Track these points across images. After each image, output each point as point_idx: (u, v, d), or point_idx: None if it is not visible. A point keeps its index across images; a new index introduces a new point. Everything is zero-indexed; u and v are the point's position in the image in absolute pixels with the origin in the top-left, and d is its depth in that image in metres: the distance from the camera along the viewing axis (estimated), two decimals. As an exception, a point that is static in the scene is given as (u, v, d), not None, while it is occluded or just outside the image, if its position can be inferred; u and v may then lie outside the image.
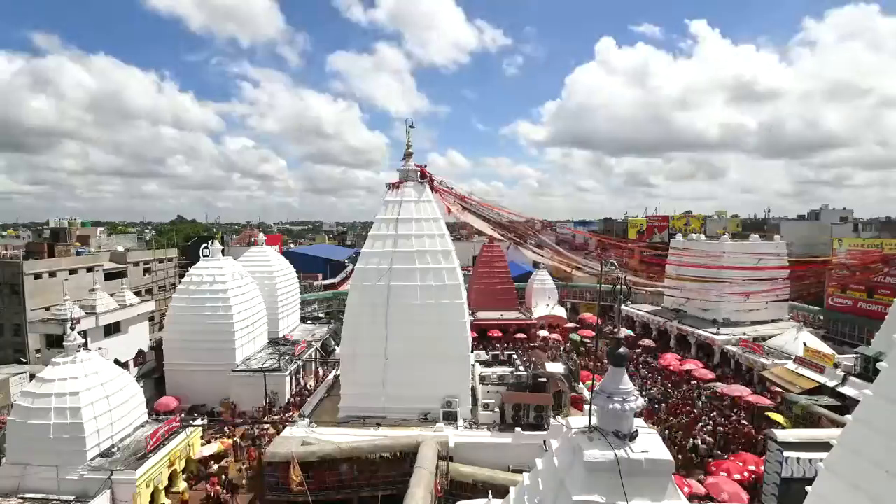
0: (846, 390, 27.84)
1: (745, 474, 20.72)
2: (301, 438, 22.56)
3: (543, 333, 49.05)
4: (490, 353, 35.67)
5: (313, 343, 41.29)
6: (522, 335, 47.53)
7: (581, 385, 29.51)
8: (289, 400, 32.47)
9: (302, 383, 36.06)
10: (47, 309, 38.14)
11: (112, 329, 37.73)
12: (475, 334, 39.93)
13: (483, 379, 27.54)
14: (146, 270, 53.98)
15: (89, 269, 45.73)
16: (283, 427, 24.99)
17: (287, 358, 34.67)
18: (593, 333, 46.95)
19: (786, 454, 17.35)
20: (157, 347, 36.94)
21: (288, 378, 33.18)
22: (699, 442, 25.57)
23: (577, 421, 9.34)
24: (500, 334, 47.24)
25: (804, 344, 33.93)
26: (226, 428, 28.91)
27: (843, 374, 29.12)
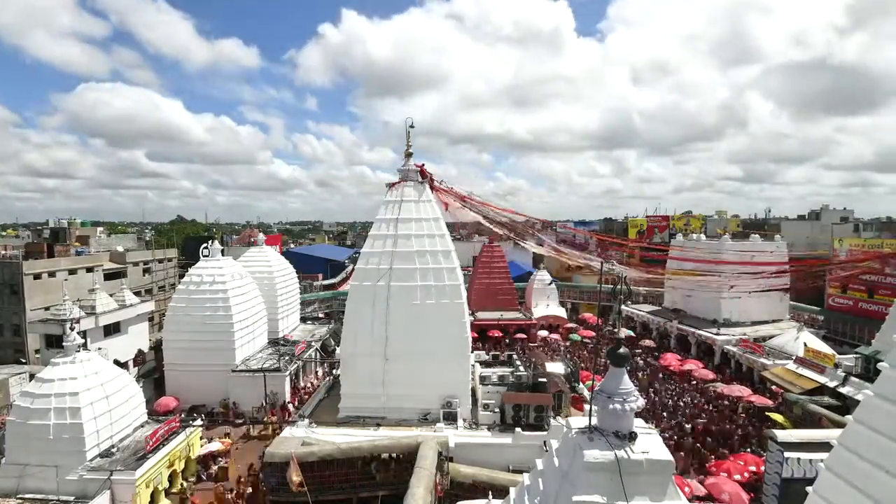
0: (846, 390, 27.83)
1: (746, 475, 20.73)
2: (301, 438, 22.54)
3: (543, 333, 49.04)
4: (490, 353, 35.62)
5: (313, 343, 41.29)
6: (522, 335, 47.53)
7: (581, 385, 29.49)
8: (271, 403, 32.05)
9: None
10: (47, 309, 38.16)
11: (112, 329, 37.78)
12: (475, 334, 39.92)
13: (483, 379, 27.50)
14: (146, 270, 54.02)
15: (89, 270, 45.79)
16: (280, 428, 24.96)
17: (287, 358, 34.65)
18: (593, 333, 46.99)
19: (786, 454, 17.31)
20: (157, 347, 36.92)
21: (288, 378, 33.17)
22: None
23: (577, 421, 9.32)
24: (500, 334, 47.24)
25: (804, 344, 33.91)
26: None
27: (843, 374, 29.10)
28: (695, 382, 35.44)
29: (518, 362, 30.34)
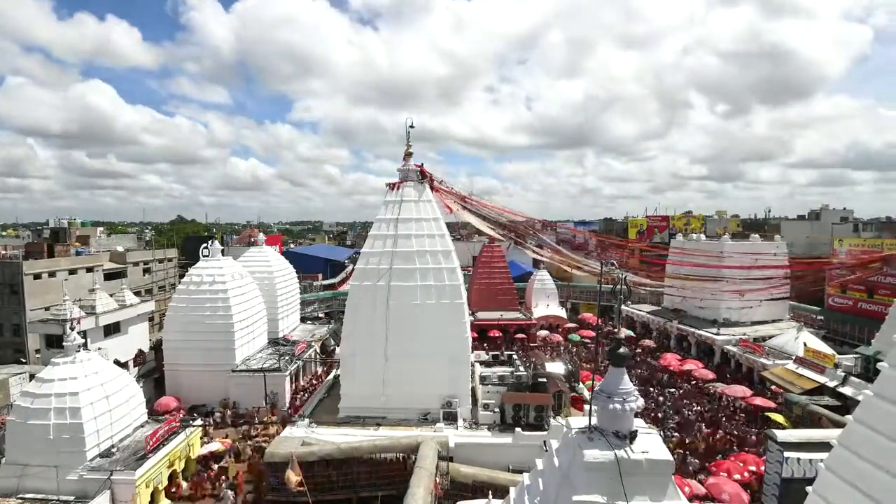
0: (846, 390, 27.84)
1: (746, 475, 20.73)
2: (301, 438, 22.55)
3: (543, 333, 49.01)
4: (490, 353, 35.62)
5: (313, 343, 41.28)
6: (522, 335, 47.51)
7: (581, 385, 29.50)
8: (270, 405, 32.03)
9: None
10: (47, 309, 38.16)
11: (112, 329, 37.76)
12: (475, 334, 39.90)
13: (483, 379, 27.52)
14: (146, 270, 54.02)
15: (89, 270, 45.79)
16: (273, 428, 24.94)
17: (287, 358, 34.66)
18: (593, 333, 46.96)
19: (786, 454, 17.31)
20: (157, 347, 36.91)
21: (288, 378, 33.16)
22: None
23: (577, 421, 9.33)
24: (500, 334, 47.21)
25: (804, 344, 33.90)
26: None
27: (843, 374, 29.11)
28: (694, 382, 35.45)
29: (518, 362, 30.36)
